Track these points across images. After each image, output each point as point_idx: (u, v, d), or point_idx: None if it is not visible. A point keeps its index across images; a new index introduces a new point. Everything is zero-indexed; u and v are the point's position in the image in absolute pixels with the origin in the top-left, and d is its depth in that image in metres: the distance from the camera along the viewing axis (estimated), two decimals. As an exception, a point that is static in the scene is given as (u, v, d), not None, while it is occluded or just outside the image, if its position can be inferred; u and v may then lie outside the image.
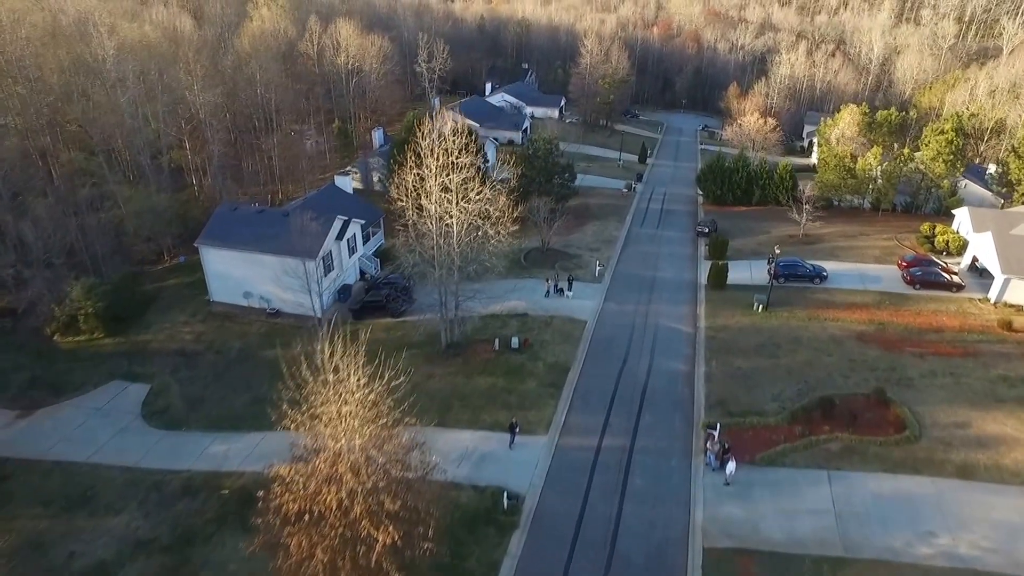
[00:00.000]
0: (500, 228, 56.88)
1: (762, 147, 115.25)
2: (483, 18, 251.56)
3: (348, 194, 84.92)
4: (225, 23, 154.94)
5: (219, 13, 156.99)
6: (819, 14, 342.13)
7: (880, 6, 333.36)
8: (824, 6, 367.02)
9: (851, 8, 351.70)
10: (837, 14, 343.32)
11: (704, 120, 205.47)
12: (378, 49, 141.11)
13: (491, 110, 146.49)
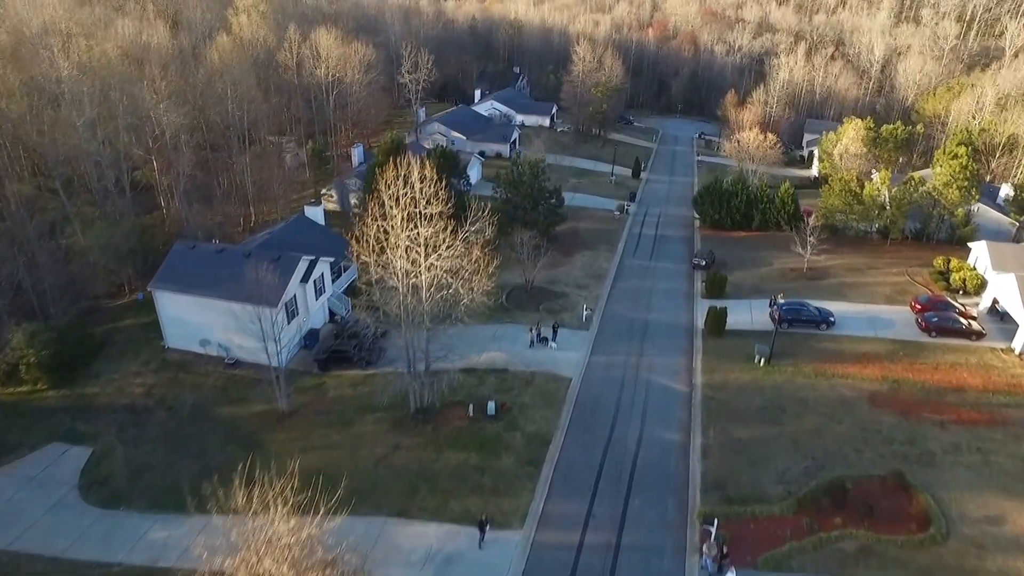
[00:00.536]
0: (474, 286, 50.50)
1: (762, 163, 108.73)
2: (475, 18, 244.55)
3: (319, 226, 78.61)
4: (203, 30, 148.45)
5: (199, 18, 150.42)
6: (817, 13, 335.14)
7: (879, 5, 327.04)
8: (822, 5, 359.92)
9: (849, 7, 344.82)
10: (835, 13, 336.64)
11: (700, 126, 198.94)
12: (361, 58, 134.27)
13: (478, 121, 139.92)
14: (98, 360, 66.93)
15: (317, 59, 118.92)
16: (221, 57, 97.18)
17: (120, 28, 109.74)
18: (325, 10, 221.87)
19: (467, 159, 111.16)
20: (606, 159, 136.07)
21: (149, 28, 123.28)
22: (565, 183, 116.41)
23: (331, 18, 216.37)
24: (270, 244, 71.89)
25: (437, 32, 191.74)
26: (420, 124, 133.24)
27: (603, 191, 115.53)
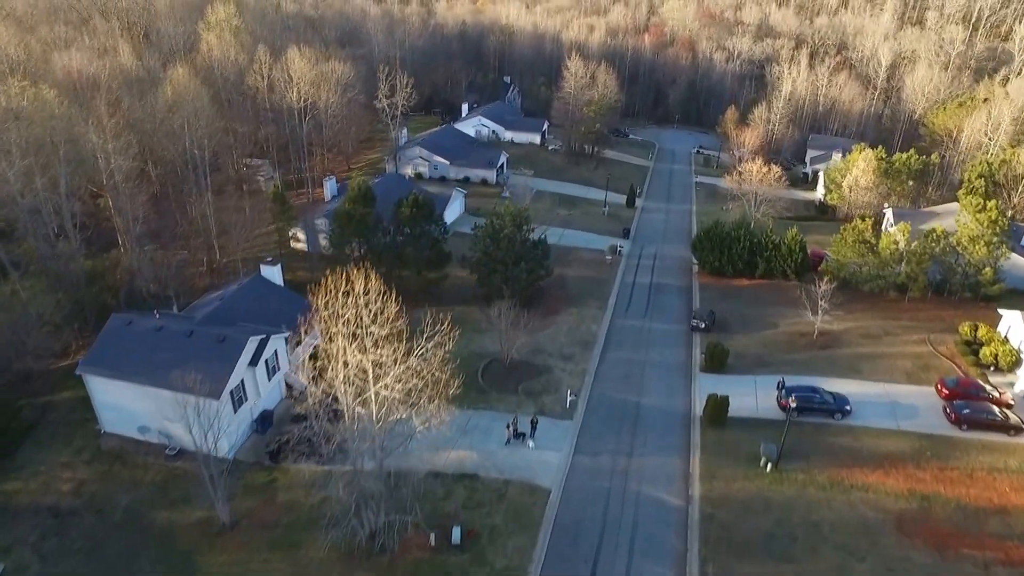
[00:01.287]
0: (431, 416, 42.36)
1: (766, 200, 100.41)
2: (465, 23, 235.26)
3: (276, 288, 70.29)
4: (175, 44, 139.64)
5: (171, 32, 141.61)
6: (818, 15, 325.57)
7: (883, 6, 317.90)
8: (823, 6, 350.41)
9: (852, 8, 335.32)
10: (837, 15, 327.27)
11: (698, 138, 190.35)
12: (338, 77, 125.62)
13: (463, 144, 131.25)
14: (25, 446, 59.01)
15: (288, 83, 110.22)
16: (176, 90, 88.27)
17: (67, 59, 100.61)
18: (308, 14, 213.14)
19: (449, 193, 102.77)
20: (599, 184, 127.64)
21: (103, 56, 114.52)
22: (554, 216, 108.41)
23: (313, 23, 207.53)
24: (219, 314, 63.67)
25: (424, 42, 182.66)
26: (400, 148, 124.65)
27: (595, 225, 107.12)
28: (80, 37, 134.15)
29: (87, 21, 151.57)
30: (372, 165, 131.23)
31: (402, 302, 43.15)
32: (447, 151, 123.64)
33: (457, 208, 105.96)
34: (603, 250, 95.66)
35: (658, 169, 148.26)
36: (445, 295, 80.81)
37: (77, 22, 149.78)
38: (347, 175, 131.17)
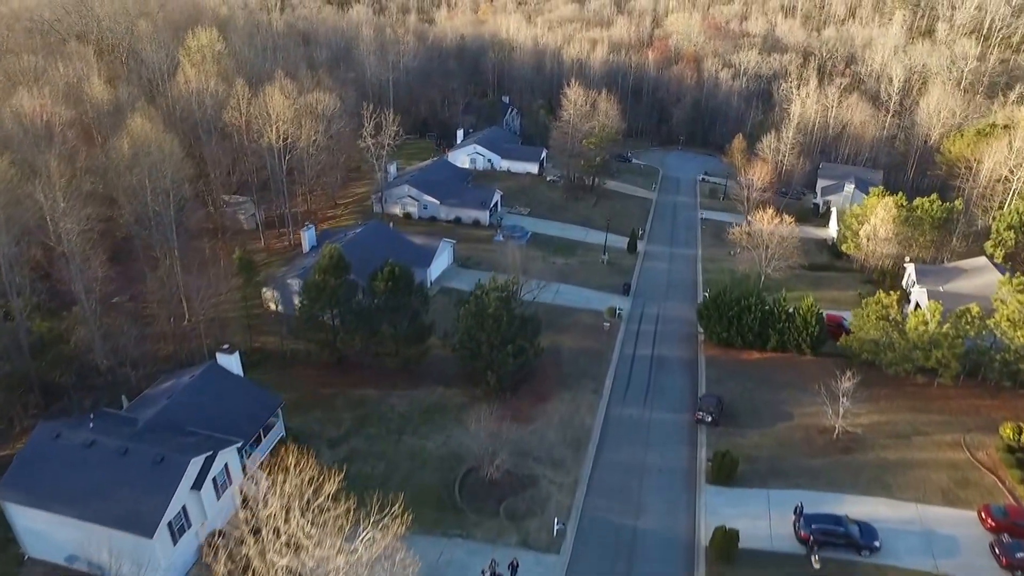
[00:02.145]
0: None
1: (780, 256, 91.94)
2: (463, 37, 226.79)
3: (234, 379, 62.22)
4: (154, 75, 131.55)
5: (151, 57, 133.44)
6: (826, 27, 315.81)
7: (891, 17, 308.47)
8: (831, 17, 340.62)
9: (859, 18, 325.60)
10: (845, 25, 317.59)
11: (704, 162, 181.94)
12: (324, 108, 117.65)
13: (455, 181, 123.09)
14: (-62, 571, 51.27)
15: (267, 121, 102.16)
16: (135, 140, 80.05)
17: (22, 101, 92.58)
18: (301, 27, 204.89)
19: (435, 245, 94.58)
20: (599, 223, 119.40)
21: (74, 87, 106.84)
22: (549, 267, 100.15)
23: (307, 37, 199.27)
24: (166, 417, 55.69)
25: (419, 62, 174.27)
26: (388, 186, 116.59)
27: (594, 278, 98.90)
28: (53, 65, 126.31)
29: (64, 43, 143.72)
30: (359, 202, 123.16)
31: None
32: (437, 190, 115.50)
33: (445, 259, 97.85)
34: (601, 312, 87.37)
35: (661, 203, 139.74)
36: (425, 372, 73.01)
37: (55, 44, 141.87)
38: (332, 213, 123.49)
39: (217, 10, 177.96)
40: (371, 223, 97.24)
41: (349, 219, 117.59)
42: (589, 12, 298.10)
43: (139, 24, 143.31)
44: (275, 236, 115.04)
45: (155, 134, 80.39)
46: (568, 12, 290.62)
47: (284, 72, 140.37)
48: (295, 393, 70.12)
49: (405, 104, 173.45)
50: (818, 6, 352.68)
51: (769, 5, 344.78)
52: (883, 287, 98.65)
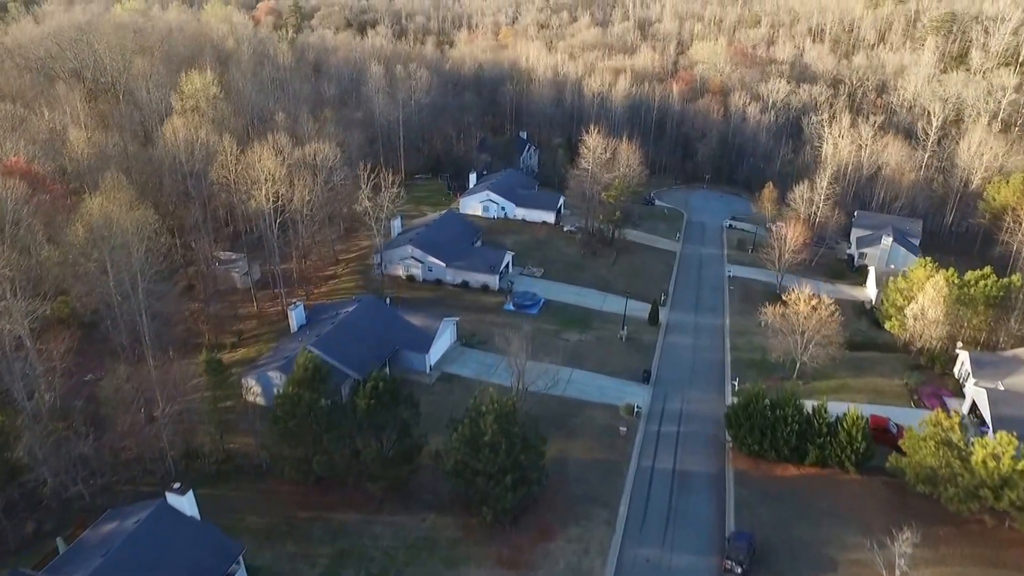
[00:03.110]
0: None
1: (820, 342, 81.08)
2: (481, 66, 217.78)
3: (188, 522, 52.80)
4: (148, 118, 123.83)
5: (145, 99, 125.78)
6: (855, 53, 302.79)
7: (923, 43, 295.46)
8: (860, 41, 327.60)
9: (890, 43, 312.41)
10: (875, 50, 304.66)
11: (730, 202, 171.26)
12: (322, 158, 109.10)
13: (462, 240, 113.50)
14: None
15: (254, 183, 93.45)
16: (90, 225, 71.09)
17: None
18: (312, 56, 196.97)
19: (436, 327, 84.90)
20: (618, 286, 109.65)
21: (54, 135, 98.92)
22: (561, 346, 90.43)
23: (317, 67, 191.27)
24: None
25: (433, 96, 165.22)
26: (390, 245, 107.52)
27: (610, 360, 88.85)
28: (38, 109, 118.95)
29: (52, 84, 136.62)
30: (362, 258, 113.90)
31: None
32: (443, 251, 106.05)
33: (447, 339, 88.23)
34: (617, 407, 77.23)
35: (686, 256, 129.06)
36: (416, 489, 63.45)
37: (43, 85, 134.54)
38: (332, 270, 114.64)
39: (223, 42, 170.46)
40: (365, 299, 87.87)
41: (349, 280, 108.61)
42: (612, 36, 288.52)
43: (135, 62, 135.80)
44: (269, 298, 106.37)
45: (120, 212, 71.43)
46: (591, 36, 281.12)
47: (286, 114, 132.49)
48: (267, 518, 61.18)
49: (417, 141, 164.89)
50: (846, 30, 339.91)
51: (796, 29, 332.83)
52: (932, 373, 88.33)
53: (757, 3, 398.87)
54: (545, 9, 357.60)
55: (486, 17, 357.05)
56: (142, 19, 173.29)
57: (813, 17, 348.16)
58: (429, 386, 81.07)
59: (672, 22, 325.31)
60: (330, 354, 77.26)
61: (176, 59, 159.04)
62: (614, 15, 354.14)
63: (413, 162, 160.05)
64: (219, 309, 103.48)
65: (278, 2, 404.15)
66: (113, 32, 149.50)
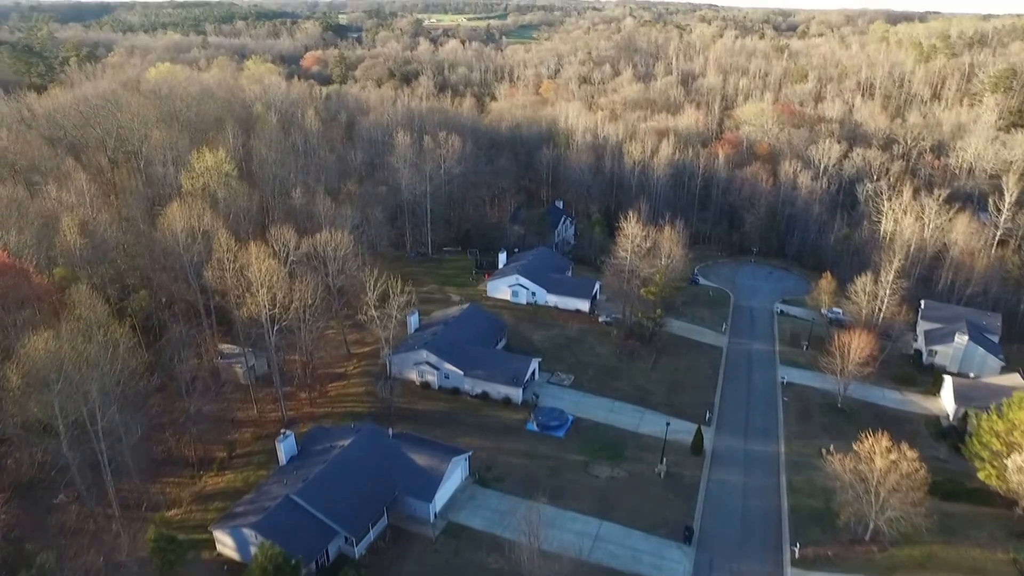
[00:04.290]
0: None
1: (897, 507, 64.90)
2: (519, 126, 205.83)
3: None
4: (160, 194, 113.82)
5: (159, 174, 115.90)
6: (908, 108, 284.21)
7: (980, 98, 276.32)
8: (912, 96, 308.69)
9: (944, 100, 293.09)
10: (928, 106, 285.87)
11: (780, 280, 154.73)
12: (335, 246, 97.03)
13: (484, 338, 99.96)
14: None
15: (247, 287, 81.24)
16: (43, 356, 59.15)
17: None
18: (344, 118, 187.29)
19: (443, 469, 70.72)
20: (658, 396, 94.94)
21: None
22: (593, 480, 75.97)
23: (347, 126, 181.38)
24: None
25: (465, 166, 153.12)
26: (404, 348, 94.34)
27: (645, 507, 73.56)
28: (45, 187, 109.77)
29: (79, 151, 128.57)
30: (375, 356, 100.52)
31: None
32: (462, 356, 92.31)
33: (457, 478, 74.17)
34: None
35: (733, 354, 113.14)
36: None
37: (64, 155, 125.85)
38: (343, 368, 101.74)
39: (251, 106, 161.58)
40: (365, 430, 74.33)
41: (358, 384, 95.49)
42: (655, 92, 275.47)
43: (154, 133, 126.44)
44: (271, 398, 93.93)
45: (73, 348, 59.25)
46: (632, 92, 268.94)
47: (305, 188, 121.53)
48: None
49: (446, 212, 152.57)
50: (897, 85, 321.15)
51: (845, 84, 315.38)
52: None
53: (803, 56, 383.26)
54: (587, 62, 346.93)
55: (528, 69, 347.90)
56: (172, 83, 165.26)
57: (862, 71, 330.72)
58: (431, 541, 67.11)
59: (716, 76, 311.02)
60: (315, 504, 64.35)
61: (201, 125, 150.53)
62: (656, 68, 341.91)
63: (442, 233, 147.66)
64: (215, 411, 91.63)
65: (325, 52, 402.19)
66: (139, 100, 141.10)
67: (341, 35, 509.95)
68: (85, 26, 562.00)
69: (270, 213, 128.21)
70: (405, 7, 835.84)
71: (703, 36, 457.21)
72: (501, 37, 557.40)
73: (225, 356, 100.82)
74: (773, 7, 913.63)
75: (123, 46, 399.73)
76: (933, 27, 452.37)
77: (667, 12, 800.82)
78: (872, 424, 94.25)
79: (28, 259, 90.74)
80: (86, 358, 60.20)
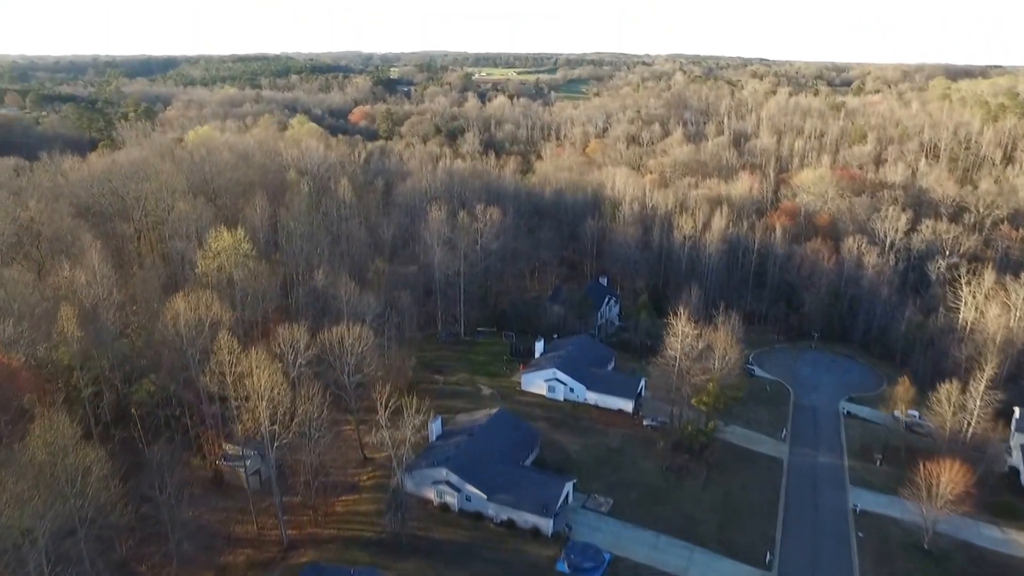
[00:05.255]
0: None
1: None
2: (563, 191, 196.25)
3: None
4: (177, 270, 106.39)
5: (177, 251, 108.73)
6: (978, 174, 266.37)
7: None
8: (980, 158, 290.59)
9: (1019, 164, 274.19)
10: (999, 169, 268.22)
11: (845, 370, 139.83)
12: (355, 339, 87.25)
13: (511, 453, 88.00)
14: None
15: (245, 401, 71.51)
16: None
17: None
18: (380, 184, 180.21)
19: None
20: (708, 526, 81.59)
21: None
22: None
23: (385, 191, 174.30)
24: None
25: (503, 240, 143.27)
26: (420, 464, 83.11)
27: None
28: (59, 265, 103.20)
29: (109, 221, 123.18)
30: (389, 467, 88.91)
31: None
32: (486, 475, 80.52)
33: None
34: None
35: (796, 471, 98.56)
36: None
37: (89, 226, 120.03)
38: (356, 473, 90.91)
39: (285, 172, 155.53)
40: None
41: (369, 500, 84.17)
42: (706, 153, 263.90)
43: (178, 205, 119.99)
44: (273, 511, 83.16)
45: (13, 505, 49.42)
46: (683, 154, 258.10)
47: (330, 267, 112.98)
48: None
49: (481, 290, 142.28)
50: (963, 145, 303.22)
51: (907, 146, 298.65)
52: None
53: (860, 115, 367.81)
54: (636, 120, 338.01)
55: (575, 127, 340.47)
56: (210, 146, 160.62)
57: (924, 132, 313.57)
58: None
59: (770, 137, 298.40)
60: None
61: (233, 192, 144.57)
62: (707, 127, 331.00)
63: (476, 312, 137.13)
64: (211, 522, 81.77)
65: (373, 107, 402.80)
66: (169, 168, 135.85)
67: (391, 89, 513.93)
68: (151, 80, 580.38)
69: (293, 290, 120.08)
70: (456, 60, 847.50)
71: (755, 93, 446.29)
72: (550, 92, 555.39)
73: (229, 457, 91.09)
74: (826, 61, 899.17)
75: (181, 100, 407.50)
76: (999, 83, 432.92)
77: (717, 67, 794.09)
78: (968, 573, 79.71)
79: (22, 351, 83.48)
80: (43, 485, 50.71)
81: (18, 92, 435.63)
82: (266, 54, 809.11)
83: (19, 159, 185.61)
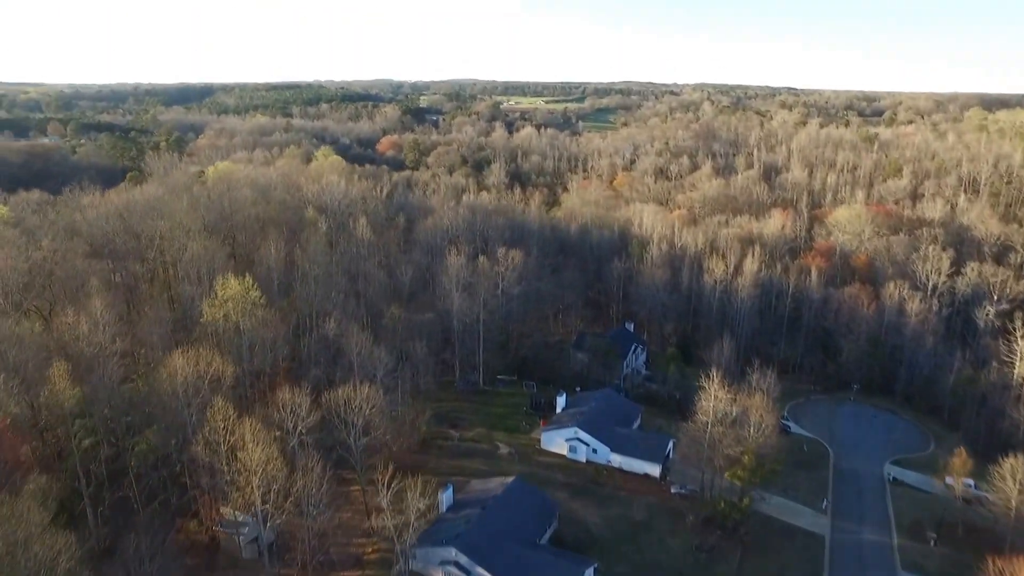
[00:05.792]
0: None
1: None
2: (589, 228, 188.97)
3: None
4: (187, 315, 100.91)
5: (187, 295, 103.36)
6: (1022, 209, 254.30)
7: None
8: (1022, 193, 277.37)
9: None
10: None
11: (889, 427, 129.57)
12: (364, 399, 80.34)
13: (527, 527, 79.92)
14: None
15: (240, 475, 64.78)
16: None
17: None
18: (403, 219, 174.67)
19: None
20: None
21: None
22: None
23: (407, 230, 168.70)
24: None
25: (526, 283, 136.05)
26: (427, 540, 75.40)
27: None
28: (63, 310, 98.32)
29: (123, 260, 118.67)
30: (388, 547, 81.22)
31: None
32: (497, 558, 72.59)
33: None
34: None
35: (840, 551, 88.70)
36: None
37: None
38: (358, 551, 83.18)
39: (304, 208, 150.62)
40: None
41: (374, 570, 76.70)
42: (736, 188, 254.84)
43: (190, 246, 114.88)
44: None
45: None
46: (712, 189, 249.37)
47: (343, 315, 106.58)
48: None
49: (502, 333, 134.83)
50: (1005, 179, 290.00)
51: (945, 180, 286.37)
52: None
53: (894, 147, 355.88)
54: (664, 152, 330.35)
55: (602, 159, 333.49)
56: (230, 181, 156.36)
57: (962, 165, 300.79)
58: None
59: (801, 170, 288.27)
60: None
61: (249, 229, 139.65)
62: (737, 160, 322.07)
63: (496, 359, 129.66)
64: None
65: (401, 136, 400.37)
66: (184, 207, 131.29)
67: (419, 119, 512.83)
68: (187, 108, 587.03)
69: (305, 336, 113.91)
70: (485, 89, 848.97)
71: (784, 124, 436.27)
72: (577, 122, 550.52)
73: (226, 523, 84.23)
74: (854, 90, 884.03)
75: (213, 128, 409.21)
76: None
77: (745, 96, 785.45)
78: None
79: (13, 404, 78.04)
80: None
81: (60, 121, 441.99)
82: (298, 82, 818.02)
83: (44, 192, 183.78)
